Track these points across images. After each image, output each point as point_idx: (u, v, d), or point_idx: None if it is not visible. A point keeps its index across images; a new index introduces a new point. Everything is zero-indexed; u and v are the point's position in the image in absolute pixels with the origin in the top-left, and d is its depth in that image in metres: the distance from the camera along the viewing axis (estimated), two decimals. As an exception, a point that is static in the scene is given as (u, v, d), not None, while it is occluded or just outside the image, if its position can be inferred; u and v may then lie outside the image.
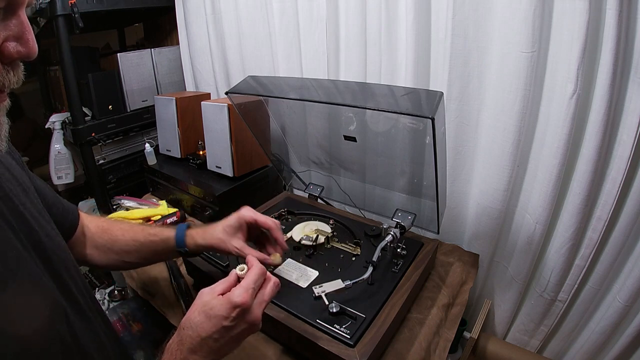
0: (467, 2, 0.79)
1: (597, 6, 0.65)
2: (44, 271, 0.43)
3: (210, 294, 0.47)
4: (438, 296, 0.80)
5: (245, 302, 0.45)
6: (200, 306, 0.46)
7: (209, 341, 0.45)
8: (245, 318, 0.46)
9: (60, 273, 0.46)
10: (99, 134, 1.39)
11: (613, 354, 0.82)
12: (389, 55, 0.96)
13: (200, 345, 0.45)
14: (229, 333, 0.46)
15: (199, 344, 0.45)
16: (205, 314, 0.45)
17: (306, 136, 1.03)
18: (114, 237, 0.67)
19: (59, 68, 1.54)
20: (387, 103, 0.70)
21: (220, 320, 0.45)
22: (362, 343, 0.59)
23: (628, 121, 0.70)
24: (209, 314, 0.45)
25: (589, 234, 0.80)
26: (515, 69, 0.76)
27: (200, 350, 0.45)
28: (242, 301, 0.45)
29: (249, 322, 0.47)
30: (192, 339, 0.45)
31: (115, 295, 1.37)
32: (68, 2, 1.18)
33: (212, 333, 0.45)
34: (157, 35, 1.91)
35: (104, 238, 0.67)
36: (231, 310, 0.45)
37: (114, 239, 0.67)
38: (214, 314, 0.45)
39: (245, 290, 0.46)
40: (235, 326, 0.46)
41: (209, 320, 0.45)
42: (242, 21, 1.27)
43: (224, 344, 0.46)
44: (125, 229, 0.68)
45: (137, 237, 0.67)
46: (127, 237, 0.67)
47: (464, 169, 0.95)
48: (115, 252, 0.67)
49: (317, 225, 0.90)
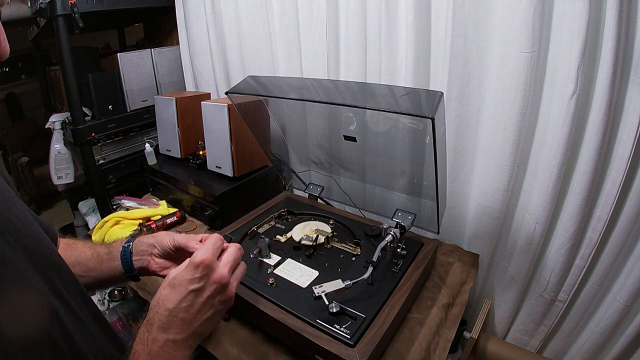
0: (467, 2, 0.79)
1: (597, 6, 0.65)
2: (34, 274, 0.41)
3: (176, 270, 0.46)
4: (438, 296, 0.80)
5: (206, 258, 0.43)
6: (166, 282, 0.44)
7: (179, 313, 0.42)
8: (212, 277, 0.44)
9: (51, 276, 0.44)
10: (99, 134, 1.39)
11: (613, 354, 0.82)
12: (389, 55, 0.96)
13: (169, 320, 0.42)
14: (197, 298, 0.43)
15: (168, 319, 0.42)
16: (170, 286, 0.43)
17: (306, 136, 1.03)
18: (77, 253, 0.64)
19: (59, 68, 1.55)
20: (387, 103, 0.70)
21: (186, 285, 0.42)
22: (362, 343, 0.59)
23: (628, 121, 0.70)
24: (173, 284, 0.43)
25: (589, 234, 0.80)
26: (515, 69, 0.76)
27: (170, 326, 0.42)
28: (203, 257, 0.43)
29: (216, 281, 0.44)
30: (160, 315, 0.42)
31: (115, 295, 1.37)
32: (68, 2, 1.18)
33: (179, 302, 0.42)
34: (157, 35, 1.91)
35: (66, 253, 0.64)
36: (194, 271, 0.43)
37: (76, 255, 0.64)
38: (178, 282, 0.43)
39: (205, 249, 0.44)
40: (203, 288, 0.43)
41: (174, 290, 0.43)
42: (242, 21, 1.27)
43: (195, 314, 0.43)
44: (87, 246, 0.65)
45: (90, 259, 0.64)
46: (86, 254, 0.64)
47: (464, 169, 0.95)
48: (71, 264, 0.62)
49: (317, 225, 0.90)
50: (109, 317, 1.16)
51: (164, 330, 0.42)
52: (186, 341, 0.43)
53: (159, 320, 0.42)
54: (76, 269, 0.62)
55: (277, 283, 0.72)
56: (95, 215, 1.64)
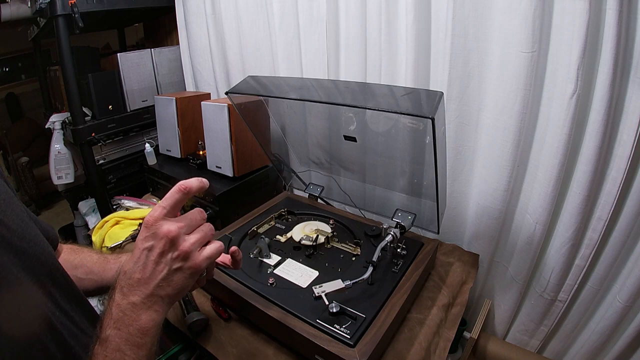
0: (467, 2, 0.79)
1: (597, 6, 0.65)
2: (25, 277, 0.41)
3: None
4: (438, 296, 0.80)
5: (152, 216, 0.43)
6: None
7: (134, 274, 0.42)
8: (158, 233, 0.42)
9: (45, 280, 0.44)
10: (99, 134, 1.39)
11: (613, 354, 0.82)
12: (389, 55, 0.96)
13: (127, 283, 0.42)
14: (149, 257, 0.42)
15: (126, 282, 0.42)
16: (131, 252, 0.44)
17: (306, 136, 1.03)
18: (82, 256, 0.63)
19: (59, 68, 1.55)
20: (387, 103, 0.70)
21: (139, 245, 0.42)
22: (362, 343, 0.59)
23: (628, 121, 0.70)
24: (132, 249, 0.44)
25: (589, 234, 0.80)
26: (515, 69, 0.76)
27: (129, 289, 0.42)
28: (150, 216, 0.43)
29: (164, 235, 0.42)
30: (120, 281, 0.43)
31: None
32: (68, 2, 1.18)
33: (134, 263, 0.42)
34: (157, 35, 1.91)
35: (70, 255, 0.63)
36: (144, 230, 0.43)
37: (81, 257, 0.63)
38: (134, 245, 0.43)
39: (153, 209, 0.44)
40: (152, 246, 0.42)
41: (132, 254, 0.43)
42: (242, 21, 1.27)
43: (150, 274, 0.42)
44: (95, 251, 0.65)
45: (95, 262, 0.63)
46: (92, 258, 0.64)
47: (464, 169, 0.95)
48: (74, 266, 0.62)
49: (317, 225, 0.90)
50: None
51: (123, 294, 0.42)
52: (146, 303, 0.42)
53: (119, 286, 0.42)
54: (78, 271, 0.61)
55: (277, 283, 0.72)
56: (95, 215, 1.64)
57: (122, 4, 1.37)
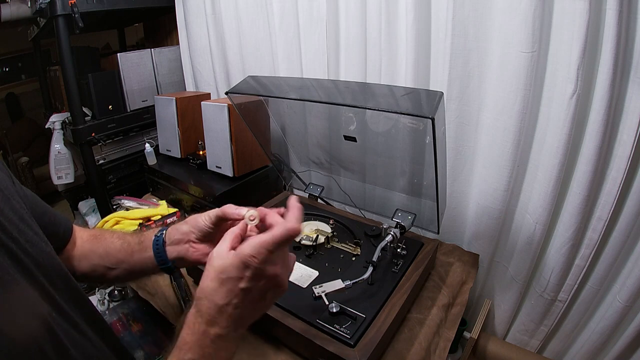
0: (467, 2, 0.79)
1: (597, 6, 0.65)
2: (23, 280, 0.40)
3: (220, 254, 0.42)
4: (438, 296, 0.80)
5: (254, 261, 0.40)
6: (212, 271, 0.41)
7: (228, 308, 0.41)
8: (265, 273, 0.41)
9: (43, 282, 0.43)
10: (99, 134, 1.40)
11: (613, 354, 0.82)
12: (389, 55, 0.96)
13: (219, 314, 0.41)
14: (247, 296, 0.41)
15: (218, 314, 0.41)
16: (218, 280, 0.41)
17: (306, 136, 1.03)
18: (105, 244, 0.61)
19: (59, 68, 1.55)
20: (387, 103, 0.70)
21: (235, 283, 0.40)
22: (362, 343, 0.59)
23: (628, 121, 0.70)
24: (221, 279, 0.41)
25: (589, 234, 0.80)
26: (515, 69, 0.76)
27: (220, 320, 0.41)
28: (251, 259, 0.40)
29: (268, 276, 0.42)
30: (209, 308, 0.41)
31: (115, 295, 1.37)
32: (68, 2, 1.18)
33: (230, 299, 0.41)
34: (157, 35, 1.91)
35: (94, 244, 0.62)
36: (243, 270, 0.40)
37: (104, 246, 0.61)
38: (226, 276, 0.40)
39: (253, 247, 0.41)
40: (253, 287, 0.41)
41: (224, 286, 0.41)
42: (242, 21, 1.27)
43: (245, 309, 0.42)
44: (116, 236, 0.62)
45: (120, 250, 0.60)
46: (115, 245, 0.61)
47: (464, 169, 0.95)
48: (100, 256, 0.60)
49: (317, 225, 0.90)
50: (109, 317, 1.16)
51: (212, 323, 0.41)
52: (235, 333, 0.43)
53: (207, 314, 0.41)
54: (105, 260, 0.59)
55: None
56: (95, 215, 1.64)
57: (122, 4, 1.37)
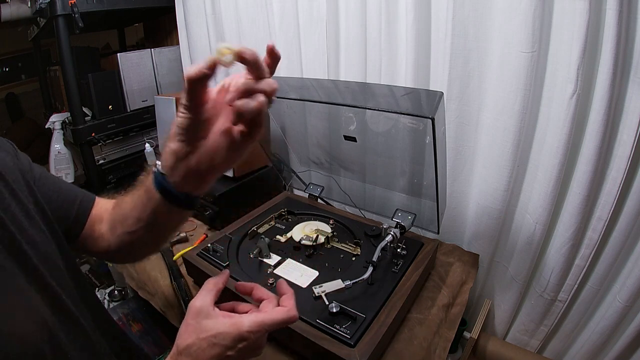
0: (467, 2, 0.79)
1: (597, 6, 0.65)
2: (25, 282, 0.40)
3: (208, 313, 0.44)
4: (438, 296, 0.80)
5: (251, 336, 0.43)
6: (201, 330, 0.43)
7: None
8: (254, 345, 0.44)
9: (47, 282, 0.43)
10: (99, 134, 1.40)
11: (613, 354, 0.82)
12: (389, 55, 0.96)
13: None
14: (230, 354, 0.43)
15: None
16: (208, 342, 0.42)
17: (306, 136, 1.03)
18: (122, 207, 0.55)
19: (59, 68, 1.55)
20: (387, 103, 0.71)
21: (224, 350, 0.42)
22: (362, 343, 0.59)
23: (628, 121, 0.70)
24: (212, 343, 0.42)
25: (589, 234, 0.80)
26: (515, 69, 0.76)
27: None
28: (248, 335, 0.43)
29: (254, 348, 0.44)
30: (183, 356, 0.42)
31: (115, 295, 1.37)
32: (68, 2, 1.18)
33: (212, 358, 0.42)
34: (157, 35, 1.91)
35: (114, 213, 0.57)
36: (237, 342, 0.43)
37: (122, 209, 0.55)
38: (218, 342, 0.42)
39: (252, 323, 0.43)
40: (238, 356, 0.43)
41: (212, 350, 0.42)
42: (242, 21, 1.27)
43: None
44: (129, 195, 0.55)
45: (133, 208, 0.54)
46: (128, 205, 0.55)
47: (464, 169, 0.95)
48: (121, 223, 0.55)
49: (317, 225, 0.90)
50: (109, 317, 1.16)
51: None
52: None
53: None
54: (126, 224, 0.53)
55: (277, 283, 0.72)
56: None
57: (122, 4, 1.37)
